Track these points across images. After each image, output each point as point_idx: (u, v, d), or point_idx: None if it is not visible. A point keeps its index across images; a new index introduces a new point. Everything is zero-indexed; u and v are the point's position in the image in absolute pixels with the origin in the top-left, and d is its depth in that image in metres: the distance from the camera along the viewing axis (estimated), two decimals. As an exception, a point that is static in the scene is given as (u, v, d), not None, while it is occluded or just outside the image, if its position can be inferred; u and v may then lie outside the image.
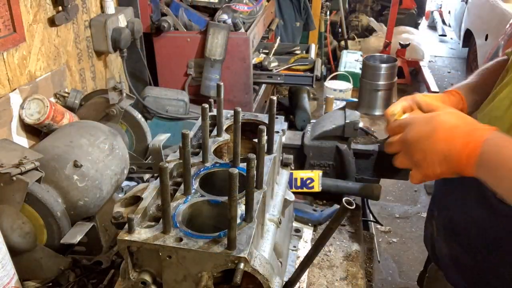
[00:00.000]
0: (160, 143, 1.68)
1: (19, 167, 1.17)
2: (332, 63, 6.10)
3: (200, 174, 1.06)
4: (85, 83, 2.18)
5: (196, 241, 0.85)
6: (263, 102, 3.31)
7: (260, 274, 0.84)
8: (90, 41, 2.18)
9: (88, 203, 1.32)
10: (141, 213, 0.92)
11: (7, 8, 1.58)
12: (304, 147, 1.63)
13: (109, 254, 1.33)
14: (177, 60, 2.67)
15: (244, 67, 2.65)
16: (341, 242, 1.44)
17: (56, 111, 1.68)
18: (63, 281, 1.28)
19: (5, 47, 1.59)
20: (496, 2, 5.31)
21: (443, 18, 9.29)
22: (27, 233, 1.21)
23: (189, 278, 0.87)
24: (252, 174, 0.86)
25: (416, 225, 3.77)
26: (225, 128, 1.25)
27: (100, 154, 1.40)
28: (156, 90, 2.46)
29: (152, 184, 1.02)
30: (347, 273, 1.31)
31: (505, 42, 3.41)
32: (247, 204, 0.89)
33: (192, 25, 2.64)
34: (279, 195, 1.21)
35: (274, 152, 1.16)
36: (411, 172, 1.00)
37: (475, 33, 5.99)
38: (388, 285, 3.14)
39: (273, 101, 1.14)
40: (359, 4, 7.36)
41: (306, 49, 3.47)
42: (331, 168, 1.62)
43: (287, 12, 4.39)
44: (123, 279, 0.92)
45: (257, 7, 2.92)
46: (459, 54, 7.71)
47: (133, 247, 0.86)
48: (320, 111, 3.74)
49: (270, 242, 1.04)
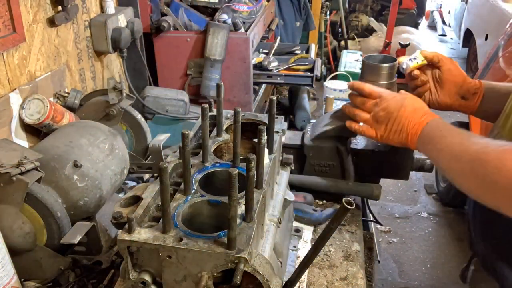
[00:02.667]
0: (160, 143, 1.68)
1: (19, 167, 1.17)
2: (332, 63, 6.10)
3: (200, 174, 1.06)
4: (85, 83, 2.18)
5: (196, 241, 0.85)
6: (263, 102, 3.31)
7: (260, 274, 0.84)
8: (90, 41, 2.18)
9: (88, 203, 1.32)
10: (141, 213, 0.92)
11: (7, 8, 1.58)
12: (304, 147, 1.63)
13: (109, 254, 1.33)
14: (177, 60, 2.67)
15: (244, 67, 2.65)
16: (341, 242, 1.44)
17: (56, 111, 1.68)
18: (63, 281, 1.28)
19: (5, 47, 1.59)
20: (496, 2, 5.31)
21: (443, 18, 9.29)
22: (27, 233, 1.21)
23: (189, 278, 0.87)
24: (252, 174, 0.86)
25: (416, 225, 3.77)
26: (225, 128, 1.25)
27: (100, 154, 1.40)
28: (156, 90, 2.46)
29: (152, 184, 1.02)
30: (347, 273, 1.31)
31: (505, 42, 3.40)
32: (247, 204, 0.89)
33: (192, 25, 2.64)
34: (279, 195, 1.21)
35: (274, 152, 1.16)
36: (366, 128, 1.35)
37: (475, 33, 5.99)
38: (388, 285, 3.14)
39: (273, 101, 1.14)
40: (359, 4, 7.37)
41: (306, 49, 3.47)
42: (331, 168, 1.62)
43: (287, 12, 4.39)
44: (123, 279, 0.92)
45: (257, 7, 2.92)
46: (459, 54, 7.71)
47: (133, 247, 0.86)
48: (320, 111, 3.75)
49: (270, 242, 1.04)
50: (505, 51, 3.30)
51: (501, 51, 3.35)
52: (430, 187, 4.27)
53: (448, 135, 1.13)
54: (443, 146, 1.12)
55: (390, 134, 1.30)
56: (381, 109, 1.30)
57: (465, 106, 1.45)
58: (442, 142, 1.13)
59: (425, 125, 1.21)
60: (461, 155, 1.05)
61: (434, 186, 4.25)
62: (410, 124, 1.24)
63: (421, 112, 1.25)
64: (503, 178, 0.93)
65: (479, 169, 0.99)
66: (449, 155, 1.10)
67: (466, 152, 1.04)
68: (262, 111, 3.24)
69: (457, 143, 1.08)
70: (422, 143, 1.22)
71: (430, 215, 3.91)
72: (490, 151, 0.98)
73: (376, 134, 1.33)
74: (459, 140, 1.08)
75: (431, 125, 1.21)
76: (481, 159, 0.99)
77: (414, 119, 1.24)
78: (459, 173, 1.08)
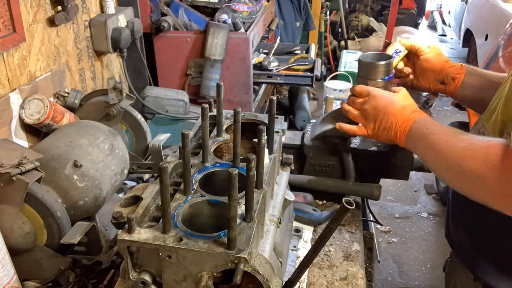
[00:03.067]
0: (160, 143, 1.68)
1: (19, 167, 1.17)
2: (332, 63, 6.10)
3: (200, 174, 1.06)
4: (85, 83, 2.18)
5: (196, 241, 0.85)
6: (263, 102, 3.31)
7: (260, 274, 0.84)
8: (90, 41, 2.18)
9: (88, 203, 1.31)
10: (141, 213, 0.92)
11: (7, 8, 1.58)
12: (304, 147, 1.63)
13: (109, 254, 1.33)
14: (177, 60, 2.67)
15: (244, 67, 2.65)
16: (341, 242, 1.44)
17: (56, 111, 1.68)
18: (63, 281, 1.28)
19: (5, 47, 1.59)
20: (496, 2, 5.31)
21: (443, 18, 9.29)
22: (27, 233, 1.21)
23: (189, 278, 0.87)
24: (252, 174, 0.86)
25: (416, 225, 3.77)
26: (225, 128, 1.25)
27: (100, 154, 1.40)
28: (156, 90, 2.46)
29: (152, 184, 1.02)
30: (347, 273, 1.31)
31: (505, 42, 3.41)
32: (247, 204, 0.89)
33: (192, 25, 2.63)
34: (279, 195, 1.21)
35: (274, 152, 1.16)
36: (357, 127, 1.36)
37: (475, 33, 5.99)
38: (388, 285, 3.14)
39: (273, 101, 1.14)
40: (359, 4, 7.36)
41: (306, 49, 3.47)
42: (331, 168, 1.62)
43: (287, 12, 4.39)
44: (123, 279, 0.92)
45: (257, 7, 2.92)
46: (459, 54, 7.71)
47: (133, 247, 0.86)
48: (320, 111, 3.74)
49: (270, 242, 1.04)
50: (505, 51, 3.31)
51: (501, 51, 3.35)
52: (430, 187, 4.27)
53: (435, 132, 1.14)
54: (430, 143, 1.13)
55: (379, 131, 1.31)
56: (369, 107, 1.32)
57: (444, 90, 1.49)
58: (429, 140, 1.14)
59: (413, 122, 1.23)
60: (448, 152, 1.06)
61: (434, 186, 4.25)
62: (399, 121, 1.25)
63: (410, 109, 1.26)
64: (490, 174, 0.93)
65: (465, 166, 0.99)
66: (436, 152, 1.11)
67: (453, 149, 1.05)
68: (262, 111, 3.24)
69: (444, 140, 1.09)
70: (410, 141, 1.23)
71: (430, 215, 3.92)
72: (476, 147, 0.99)
73: (367, 131, 1.35)
74: (446, 137, 1.09)
75: (418, 122, 1.22)
76: (468, 155, 0.99)
77: (402, 117, 1.25)
78: (446, 169, 1.09)
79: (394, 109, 1.27)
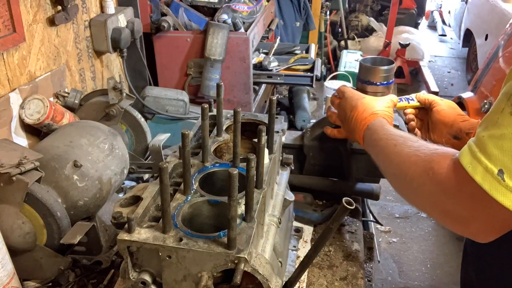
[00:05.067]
0: (160, 143, 1.68)
1: (19, 167, 1.17)
2: (332, 63, 6.10)
3: (200, 174, 1.06)
4: (85, 83, 2.18)
5: (196, 241, 0.85)
6: (263, 102, 3.31)
7: (260, 274, 0.84)
8: (90, 41, 2.18)
9: (88, 203, 1.32)
10: (141, 213, 0.92)
11: (7, 8, 1.58)
12: (304, 147, 1.63)
13: (109, 254, 1.33)
14: (177, 60, 2.67)
15: (244, 67, 2.65)
16: (341, 242, 1.44)
17: (56, 111, 1.68)
18: (63, 281, 1.28)
19: (5, 47, 1.59)
20: (496, 2, 5.31)
21: (443, 18, 9.29)
22: (27, 233, 1.21)
23: (189, 278, 0.87)
24: (252, 174, 0.86)
25: (416, 225, 3.77)
26: (225, 128, 1.25)
27: (100, 154, 1.40)
28: (156, 90, 2.46)
29: (152, 184, 1.02)
30: (347, 273, 1.31)
31: (505, 42, 3.41)
32: (247, 204, 0.89)
33: (192, 25, 2.63)
34: (279, 195, 1.21)
35: (274, 152, 1.16)
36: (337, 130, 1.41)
37: (475, 33, 5.99)
38: (388, 285, 3.14)
39: (273, 101, 1.14)
40: (359, 4, 7.37)
41: (306, 49, 3.47)
42: (331, 168, 1.62)
43: (287, 12, 4.39)
44: (123, 279, 0.92)
45: (257, 7, 2.92)
46: (459, 54, 7.71)
47: (133, 247, 0.86)
48: (320, 111, 3.74)
49: (270, 242, 1.04)
50: (505, 51, 3.31)
51: (501, 51, 3.35)
52: (430, 187, 4.26)
53: (385, 137, 1.13)
54: (379, 149, 1.15)
55: (348, 133, 1.34)
56: (340, 108, 1.36)
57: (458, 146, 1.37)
58: (379, 145, 1.15)
59: (367, 125, 1.25)
60: (393, 157, 1.05)
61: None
62: (359, 125, 1.27)
63: (369, 112, 1.27)
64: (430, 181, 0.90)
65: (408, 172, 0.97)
66: (383, 157, 1.11)
67: (398, 154, 1.04)
68: (262, 111, 3.24)
69: (391, 145, 1.08)
70: (366, 143, 1.25)
71: (430, 215, 3.91)
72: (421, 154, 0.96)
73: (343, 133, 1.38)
74: (394, 142, 1.08)
75: (371, 127, 1.23)
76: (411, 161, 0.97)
77: (361, 120, 1.27)
78: (391, 175, 1.09)
79: (357, 111, 1.29)
